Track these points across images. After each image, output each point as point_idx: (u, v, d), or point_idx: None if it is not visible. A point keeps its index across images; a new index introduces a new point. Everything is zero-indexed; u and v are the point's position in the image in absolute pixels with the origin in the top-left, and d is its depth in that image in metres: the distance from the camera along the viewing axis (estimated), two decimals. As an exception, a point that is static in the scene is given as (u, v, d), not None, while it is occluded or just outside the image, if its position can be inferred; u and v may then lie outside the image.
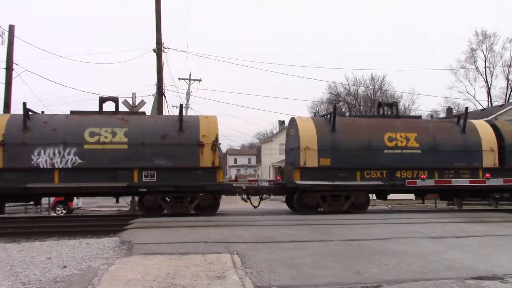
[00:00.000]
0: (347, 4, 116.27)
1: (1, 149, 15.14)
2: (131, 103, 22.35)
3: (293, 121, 18.31)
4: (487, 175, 17.42)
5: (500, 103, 49.01)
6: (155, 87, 25.15)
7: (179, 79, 45.82)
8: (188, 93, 46.16)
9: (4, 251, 9.27)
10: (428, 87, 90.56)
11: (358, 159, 16.97)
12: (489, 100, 55.42)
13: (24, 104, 15.49)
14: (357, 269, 7.21)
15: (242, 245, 9.22)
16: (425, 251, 8.71)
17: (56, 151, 15.30)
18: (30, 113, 15.84)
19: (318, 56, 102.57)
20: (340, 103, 64.98)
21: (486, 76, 55.42)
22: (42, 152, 15.25)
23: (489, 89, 55.52)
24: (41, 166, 15.23)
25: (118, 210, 21.58)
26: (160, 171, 15.73)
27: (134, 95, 22.81)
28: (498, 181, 17.39)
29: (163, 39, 24.93)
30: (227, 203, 25.49)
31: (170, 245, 9.31)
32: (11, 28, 22.18)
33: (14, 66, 22.17)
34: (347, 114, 67.14)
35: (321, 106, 66.32)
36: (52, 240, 11.28)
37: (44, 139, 15.36)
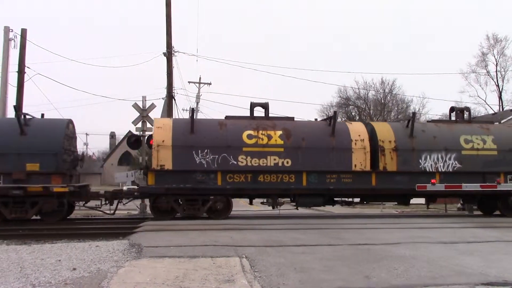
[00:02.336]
0: (355, 7, 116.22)
1: (395, 154, 16.83)
2: (141, 106, 22.48)
3: None
4: None
5: (511, 108, 48.56)
6: (165, 90, 25.30)
7: (189, 82, 46.02)
8: (198, 97, 46.30)
9: (15, 253, 9.36)
10: (439, 91, 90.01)
11: None
12: (501, 104, 54.93)
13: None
14: (366, 274, 7.18)
15: (251, 249, 9.22)
16: (435, 256, 8.66)
17: (439, 156, 17.03)
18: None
19: (328, 60, 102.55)
20: (350, 107, 64.77)
21: (497, 80, 54.89)
22: (428, 157, 16.98)
23: (500, 93, 55.01)
24: (427, 170, 16.88)
25: (127, 213, 21.63)
26: None
27: (144, 98, 22.92)
28: None
29: (173, 43, 25.08)
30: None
31: (179, 248, 9.33)
32: (23, 32, 22.42)
33: (26, 69, 22.40)
34: (357, 118, 66.94)
35: (331, 110, 66.08)
36: (62, 243, 11.36)
37: (428, 145, 17.08)
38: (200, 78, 45.38)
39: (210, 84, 45.53)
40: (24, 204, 15.09)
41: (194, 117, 17.13)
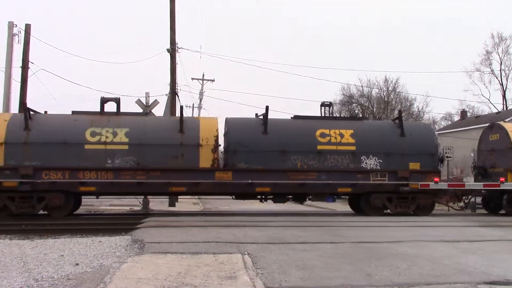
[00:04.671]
0: (357, 7, 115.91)
1: None
2: (144, 103, 22.51)
3: None
4: None
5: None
6: (169, 86, 25.28)
7: (193, 79, 46.08)
8: (201, 93, 46.34)
9: (18, 248, 9.38)
10: (443, 90, 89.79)
11: None
12: (504, 103, 54.82)
13: None
14: (368, 272, 7.17)
15: (253, 246, 9.23)
16: (437, 255, 8.64)
17: None
18: None
19: (331, 57, 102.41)
20: (353, 104, 64.65)
21: (501, 79, 54.83)
22: None
23: (504, 92, 54.93)
24: None
25: (130, 208, 21.68)
26: None
27: (147, 95, 22.98)
28: None
29: (177, 39, 25.04)
30: (234, 203, 25.52)
31: (181, 244, 9.34)
32: (27, 27, 22.43)
33: (30, 65, 22.41)
34: (360, 115, 66.79)
35: (334, 108, 65.86)
36: (65, 238, 11.39)
37: None
38: (203, 75, 45.39)
39: (213, 80, 45.65)
40: (407, 200, 16.80)
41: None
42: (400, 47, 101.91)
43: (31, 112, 15.99)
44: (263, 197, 17.39)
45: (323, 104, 18.96)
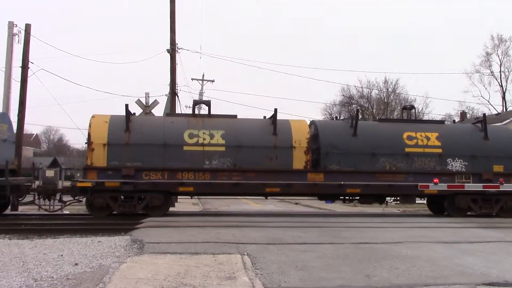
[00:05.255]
0: (357, 7, 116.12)
1: None
2: (144, 103, 22.52)
3: None
4: None
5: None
6: (169, 87, 25.27)
7: (192, 79, 45.93)
8: (201, 94, 46.28)
9: (17, 248, 9.39)
10: (442, 91, 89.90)
11: None
12: (504, 104, 54.84)
13: None
14: (367, 273, 7.18)
15: (253, 246, 9.24)
16: (436, 256, 8.66)
17: None
18: None
19: (331, 58, 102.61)
20: (353, 105, 64.66)
21: (501, 80, 54.85)
22: None
23: (503, 93, 54.94)
24: None
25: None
26: None
27: (147, 95, 22.98)
28: None
29: (177, 40, 25.02)
30: (233, 203, 25.56)
31: (180, 244, 9.35)
32: (27, 27, 22.43)
33: (30, 65, 22.39)
34: (360, 117, 66.75)
35: (334, 109, 65.93)
36: (64, 238, 11.38)
37: None
38: (203, 75, 45.29)
39: (213, 81, 45.52)
40: (490, 201, 17.08)
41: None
42: (400, 48, 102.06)
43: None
44: (349, 198, 17.83)
45: (405, 107, 19.89)
